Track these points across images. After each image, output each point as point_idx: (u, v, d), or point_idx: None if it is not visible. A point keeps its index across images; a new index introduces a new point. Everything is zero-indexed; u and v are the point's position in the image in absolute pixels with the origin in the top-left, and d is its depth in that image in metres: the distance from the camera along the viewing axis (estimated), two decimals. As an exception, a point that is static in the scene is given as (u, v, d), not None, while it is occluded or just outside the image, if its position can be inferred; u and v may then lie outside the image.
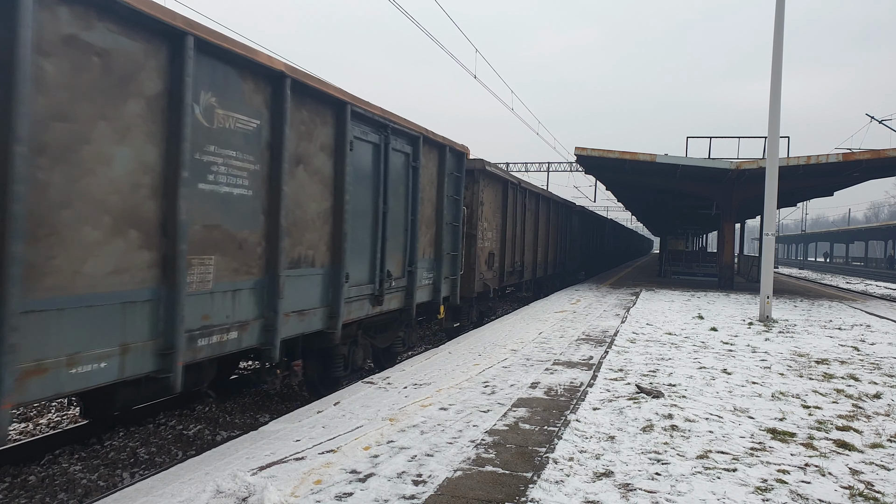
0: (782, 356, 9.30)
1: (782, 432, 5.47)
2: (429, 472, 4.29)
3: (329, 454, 4.62)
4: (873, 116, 27.29)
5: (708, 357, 8.98)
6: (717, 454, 4.84)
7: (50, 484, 5.57)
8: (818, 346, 10.45)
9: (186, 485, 4.12)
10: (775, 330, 12.27)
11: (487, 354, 8.84)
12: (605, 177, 25.93)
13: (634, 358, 8.69)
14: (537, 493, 3.97)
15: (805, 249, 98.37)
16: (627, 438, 5.14)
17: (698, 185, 23.38)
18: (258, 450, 4.83)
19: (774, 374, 7.93)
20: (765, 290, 13.81)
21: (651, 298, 18.10)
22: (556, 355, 8.78)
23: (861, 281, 41.62)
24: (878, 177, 23.00)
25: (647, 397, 6.48)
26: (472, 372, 7.61)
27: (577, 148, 20.36)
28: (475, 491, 3.98)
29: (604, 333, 10.98)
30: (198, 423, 7.41)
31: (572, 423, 5.49)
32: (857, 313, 16.17)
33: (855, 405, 6.54)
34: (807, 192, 27.53)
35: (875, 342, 11.08)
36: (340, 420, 5.62)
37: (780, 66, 13.69)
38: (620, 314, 13.98)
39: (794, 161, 19.42)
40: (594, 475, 4.32)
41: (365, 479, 4.13)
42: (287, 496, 3.82)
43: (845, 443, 5.23)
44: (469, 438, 5.03)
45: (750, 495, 4.07)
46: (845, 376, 7.97)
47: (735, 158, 21.08)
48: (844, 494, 4.16)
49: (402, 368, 8.00)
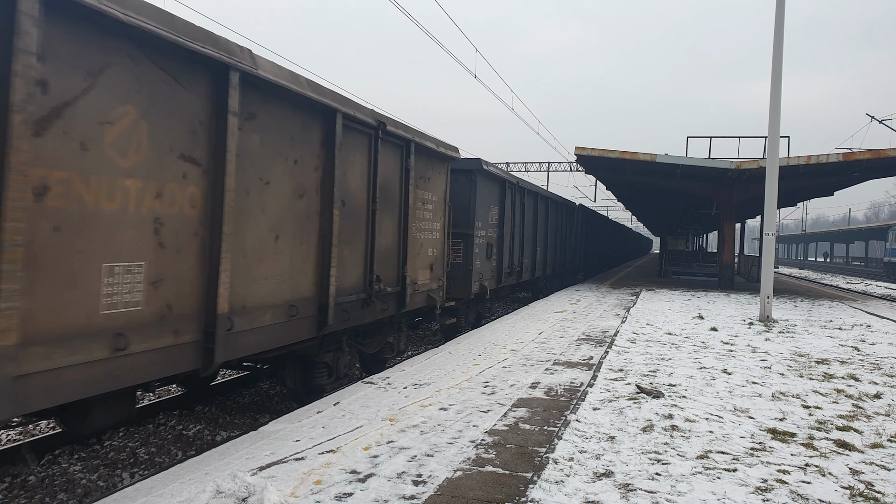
0: (782, 356, 9.29)
1: (782, 432, 5.46)
2: (429, 472, 4.29)
3: (329, 454, 4.62)
4: (873, 116, 27.29)
5: (708, 357, 8.98)
6: (717, 454, 4.84)
7: (50, 484, 5.57)
8: (818, 346, 10.44)
9: (186, 485, 4.11)
10: (775, 330, 12.26)
11: (487, 354, 8.84)
12: (605, 177, 25.93)
13: (634, 358, 8.68)
14: (537, 493, 3.97)
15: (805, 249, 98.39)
16: (627, 438, 5.14)
17: (698, 185, 23.38)
18: (258, 450, 4.82)
19: (775, 374, 7.92)
20: (765, 289, 13.81)
21: (651, 298, 18.10)
22: (556, 355, 8.78)
23: (861, 281, 41.61)
24: (878, 177, 23.00)
25: (647, 397, 6.47)
26: (472, 372, 7.61)
27: (578, 148, 20.37)
28: (475, 491, 3.98)
29: (604, 333, 10.98)
30: (198, 423, 7.41)
31: (572, 424, 5.48)
32: (857, 313, 16.16)
33: (855, 405, 6.53)
34: (807, 192, 27.52)
35: (875, 342, 11.07)
36: (340, 420, 5.61)
37: (780, 66, 13.68)
38: (620, 314, 13.97)
39: (794, 161, 19.42)
40: (594, 475, 4.32)
41: (365, 480, 4.13)
42: (287, 496, 3.82)
43: (845, 443, 5.22)
44: (469, 438, 5.02)
45: (750, 495, 4.07)
46: (845, 376, 7.96)
47: (735, 158, 21.08)
48: (845, 494, 4.16)
49: (402, 368, 7.99)
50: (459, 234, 12.02)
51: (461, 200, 12.04)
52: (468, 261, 12.05)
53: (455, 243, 12.02)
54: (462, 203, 12.03)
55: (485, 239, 12.89)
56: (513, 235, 15.29)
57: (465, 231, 12.04)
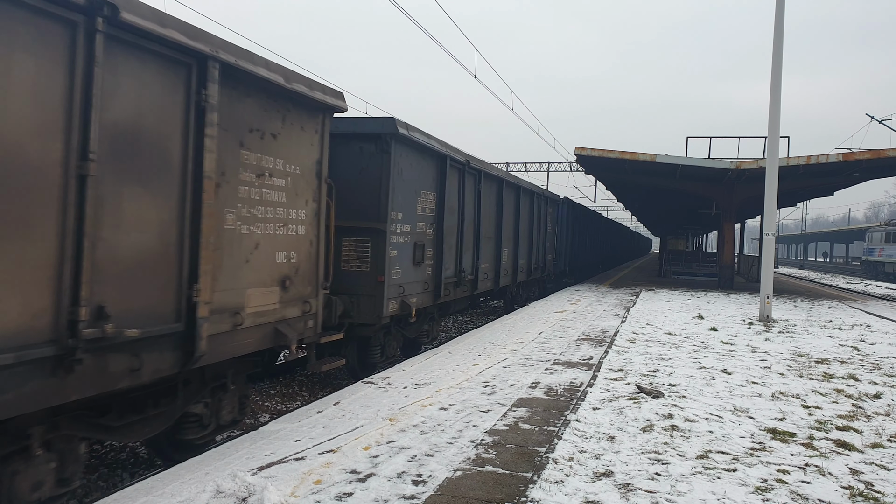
0: (782, 356, 9.30)
1: (782, 432, 5.46)
2: (429, 472, 4.29)
3: (329, 454, 4.62)
4: (873, 116, 27.29)
5: (708, 357, 8.98)
6: (717, 454, 4.84)
7: (50, 484, 5.56)
8: (818, 345, 10.45)
9: (186, 485, 4.11)
10: (775, 330, 12.27)
11: (487, 354, 8.84)
12: (604, 177, 25.94)
13: (634, 358, 8.69)
14: (537, 493, 3.97)
15: (805, 249, 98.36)
16: (627, 438, 5.14)
17: (698, 185, 23.39)
18: (258, 450, 4.83)
19: (774, 374, 7.93)
20: (765, 289, 13.82)
21: (651, 298, 18.10)
22: (556, 355, 8.78)
23: (861, 281, 41.63)
24: (878, 177, 23.02)
25: (647, 397, 6.48)
26: (472, 372, 7.61)
27: (577, 148, 20.38)
28: (475, 491, 3.98)
29: (604, 333, 10.98)
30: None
31: (572, 423, 5.48)
32: (857, 313, 16.17)
33: (855, 405, 6.54)
34: (807, 191, 27.55)
35: (875, 342, 11.08)
36: (340, 420, 5.61)
37: (780, 66, 13.69)
38: (620, 314, 13.98)
39: (794, 161, 19.43)
40: (594, 475, 4.32)
41: (365, 479, 4.13)
42: (287, 496, 3.82)
43: (845, 443, 5.22)
44: (469, 438, 5.03)
45: (750, 495, 4.07)
46: (845, 376, 7.97)
47: (735, 158, 21.09)
48: (844, 494, 4.16)
49: (401, 368, 7.99)
50: (363, 229, 8.35)
51: (366, 180, 8.38)
52: (378, 268, 8.32)
53: (355, 244, 8.40)
54: (368, 184, 8.38)
55: (410, 237, 9.17)
56: (461, 232, 11.28)
57: (374, 225, 8.34)
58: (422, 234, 9.66)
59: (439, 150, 9.93)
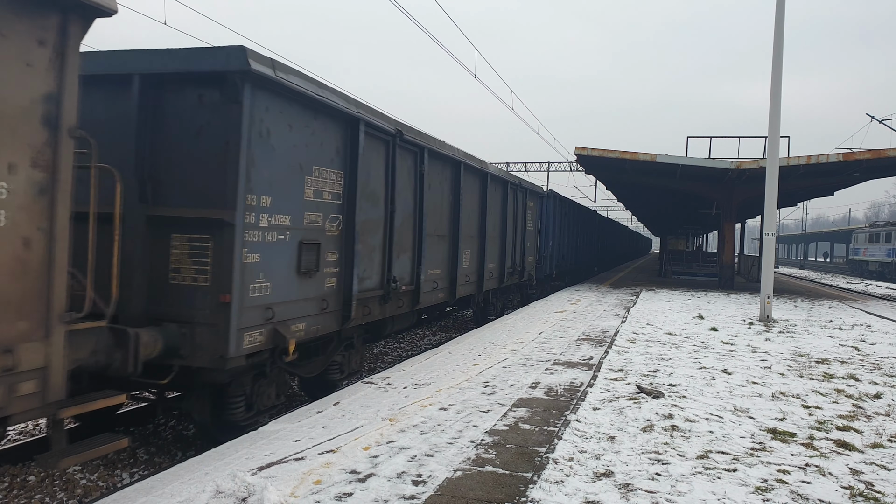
0: (783, 356, 9.29)
1: (783, 432, 5.46)
2: (429, 472, 4.29)
3: (329, 454, 4.62)
4: (873, 116, 27.27)
5: (708, 357, 8.98)
6: (717, 454, 4.84)
7: (49, 484, 5.57)
8: (818, 346, 10.44)
9: (186, 485, 4.11)
10: (776, 330, 12.26)
11: (487, 354, 8.84)
12: (605, 176, 25.94)
13: (635, 358, 8.68)
14: (537, 493, 3.97)
15: (805, 249, 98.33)
16: (627, 438, 5.14)
17: (698, 185, 23.39)
18: (258, 450, 4.83)
19: (775, 374, 7.92)
20: (765, 289, 13.81)
21: (651, 298, 18.10)
22: (556, 355, 8.78)
23: (861, 281, 41.62)
24: (879, 177, 23.02)
25: (647, 397, 6.47)
26: (472, 372, 7.61)
27: (578, 148, 20.37)
28: (475, 491, 3.98)
29: (604, 333, 10.98)
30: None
31: (572, 424, 5.48)
32: (857, 313, 16.16)
33: (855, 405, 6.53)
34: (807, 191, 27.55)
35: (875, 342, 11.07)
36: (340, 420, 5.61)
37: (780, 66, 13.68)
38: (620, 314, 13.98)
39: (794, 161, 19.43)
40: (594, 475, 4.32)
41: (365, 480, 4.13)
42: (287, 496, 3.82)
43: (846, 443, 5.22)
44: (469, 438, 5.02)
45: (750, 495, 4.07)
46: (846, 376, 7.96)
47: (735, 158, 21.09)
48: (845, 494, 4.16)
49: (402, 368, 8.00)
50: (200, 221, 5.51)
51: (206, 146, 5.54)
52: (223, 282, 5.43)
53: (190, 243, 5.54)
54: (209, 152, 5.52)
55: (290, 234, 6.31)
56: (390, 229, 8.47)
57: (216, 215, 5.45)
58: (316, 231, 6.74)
59: (344, 108, 6.89)
